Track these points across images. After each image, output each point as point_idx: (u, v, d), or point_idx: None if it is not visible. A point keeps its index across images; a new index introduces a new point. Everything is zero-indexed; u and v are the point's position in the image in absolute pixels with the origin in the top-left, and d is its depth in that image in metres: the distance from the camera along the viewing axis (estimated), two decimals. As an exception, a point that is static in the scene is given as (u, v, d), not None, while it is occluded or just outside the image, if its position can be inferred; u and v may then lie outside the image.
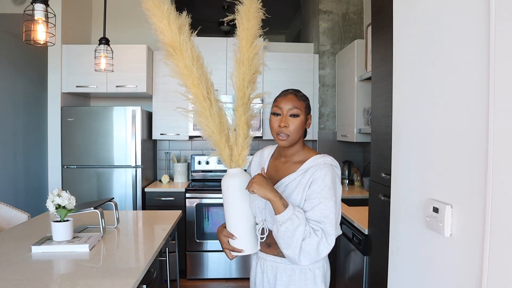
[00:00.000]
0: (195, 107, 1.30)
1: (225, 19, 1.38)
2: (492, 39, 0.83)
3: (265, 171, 1.41)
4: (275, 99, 1.35)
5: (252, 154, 1.52)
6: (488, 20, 0.85)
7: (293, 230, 1.16)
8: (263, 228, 1.31)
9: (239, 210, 1.30)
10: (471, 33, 0.93)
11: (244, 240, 1.30)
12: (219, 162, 3.89)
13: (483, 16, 0.87)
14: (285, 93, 1.34)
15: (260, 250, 1.38)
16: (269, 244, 1.34)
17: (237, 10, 1.31)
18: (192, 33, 1.30)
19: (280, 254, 1.32)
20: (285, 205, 1.18)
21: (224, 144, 1.30)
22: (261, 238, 1.32)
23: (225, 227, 1.35)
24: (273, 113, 1.32)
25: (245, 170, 1.40)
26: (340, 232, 1.36)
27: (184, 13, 1.29)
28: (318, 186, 1.23)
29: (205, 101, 1.27)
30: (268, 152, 1.47)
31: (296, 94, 1.32)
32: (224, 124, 1.31)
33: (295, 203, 1.26)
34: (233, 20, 1.32)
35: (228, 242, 1.32)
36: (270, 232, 1.30)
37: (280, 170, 1.37)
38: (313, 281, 1.31)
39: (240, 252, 1.30)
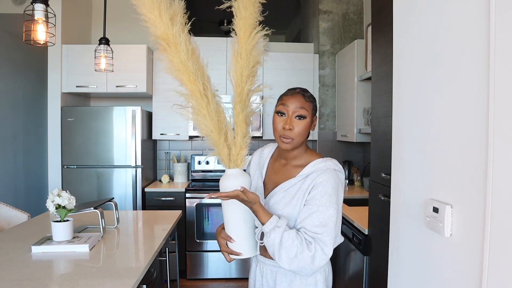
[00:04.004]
0: (192, 105, 1.22)
1: (220, 6, 1.24)
2: (492, 38, 0.83)
3: (264, 173, 1.36)
4: (281, 96, 1.28)
5: (251, 154, 1.48)
6: (488, 19, 0.85)
7: (278, 256, 1.14)
8: (262, 232, 1.25)
9: (238, 213, 1.25)
10: (472, 33, 0.93)
11: (243, 243, 1.26)
12: (219, 162, 3.89)
13: (484, 15, 0.87)
14: (292, 92, 1.26)
15: (260, 254, 1.33)
16: None
17: None
18: (186, 23, 1.20)
19: None
20: (262, 221, 1.16)
21: (222, 143, 1.22)
22: (261, 243, 1.26)
23: (224, 228, 1.30)
24: (278, 112, 1.24)
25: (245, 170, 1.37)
26: (342, 240, 1.31)
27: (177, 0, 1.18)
28: (318, 192, 1.18)
29: (202, 98, 1.19)
30: (268, 151, 1.41)
31: (304, 94, 1.24)
32: (222, 122, 1.23)
33: (294, 211, 1.21)
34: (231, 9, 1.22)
35: (227, 244, 1.27)
36: None
37: (279, 173, 1.31)
38: (314, 286, 1.27)
39: (239, 255, 1.25)
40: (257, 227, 1.29)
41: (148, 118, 3.67)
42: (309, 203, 1.18)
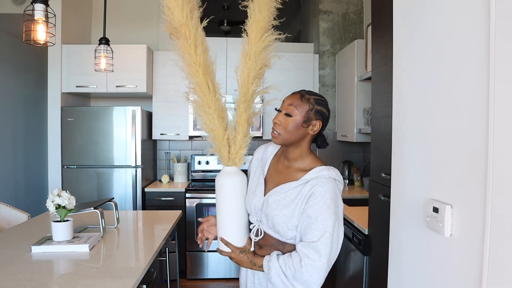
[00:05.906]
0: (201, 98, 1.23)
1: (241, 5, 1.27)
2: (493, 38, 0.83)
3: (266, 170, 1.36)
4: None
5: (250, 154, 1.48)
6: (488, 18, 0.85)
7: (292, 284, 1.15)
8: (258, 230, 1.26)
9: (232, 211, 1.25)
10: (471, 33, 0.93)
11: (236, 242, 1.26)
12: (219, 162, 3.89)
13: (484, 15, 0.87)
14: (295, 91, 1.27)
15: (254, 251, 1.31)
16: (261, 246, 1.27)
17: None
18: (202, 21, 1.25)
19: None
20: (260, 265, 1.21)
21: (224, 140, 1.24)
22: (255, 239, 1.26)
23: (210, 221, 1.37)
24: (276, 109, 1.27)
25: (243, 170, 1.37)
26: (339, 248, 1.29)
27: None
28: (317, 202, 1.16)
29: (211, 94, 1.21)
30: (272, 149, 1.40)
31: (303, 95, 1.23)
32: (224, 120, 1.25)
33: (293, 214, 1.20)
34: (238, 9, 1.25)
35: (216, 238, 1.31)
36: (263, 233, 1.25)
37: (282, 173, 1.30)
38: None
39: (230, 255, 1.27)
40: (251, 223, 1.29)
41: (148, 118, 3.67)
42: (308, 213, 1.17)
